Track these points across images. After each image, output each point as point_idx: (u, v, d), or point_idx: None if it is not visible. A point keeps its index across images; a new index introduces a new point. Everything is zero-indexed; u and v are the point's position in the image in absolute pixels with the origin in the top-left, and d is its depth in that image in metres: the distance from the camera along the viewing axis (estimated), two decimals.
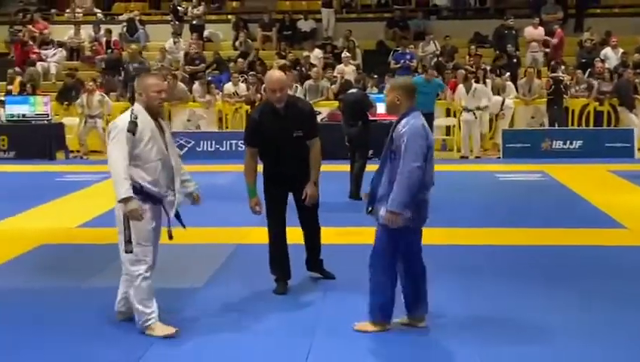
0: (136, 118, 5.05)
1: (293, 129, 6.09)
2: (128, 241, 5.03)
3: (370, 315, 5.29)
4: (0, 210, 9.82)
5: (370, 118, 10.90)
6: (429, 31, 20.49)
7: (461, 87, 15.91)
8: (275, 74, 6.20)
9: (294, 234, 6.49)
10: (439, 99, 16.18)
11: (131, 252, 5.06)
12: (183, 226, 5.42)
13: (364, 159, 10.72)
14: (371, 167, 10.78)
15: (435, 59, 18.80)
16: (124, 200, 4.98)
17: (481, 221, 9.24)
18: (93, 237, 8.31)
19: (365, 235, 8.38)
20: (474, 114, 15.64)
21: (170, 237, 5.31)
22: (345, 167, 11.16)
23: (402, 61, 18.90)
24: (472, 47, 19.06)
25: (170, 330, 5.17)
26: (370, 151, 11.11)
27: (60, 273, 6.96)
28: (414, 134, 4.97)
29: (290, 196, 6.43)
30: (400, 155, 4.97)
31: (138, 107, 5.14)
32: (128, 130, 5.00)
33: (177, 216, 5.38)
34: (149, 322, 5.18)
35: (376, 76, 16.99)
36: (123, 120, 5.10)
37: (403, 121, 5.06)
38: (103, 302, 5.76)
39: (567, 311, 5.76)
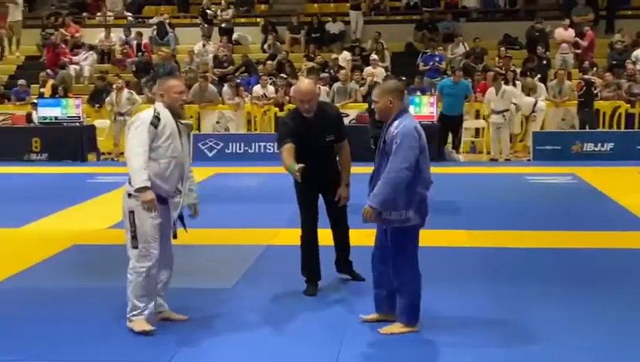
0: (158, 114, 5.17)
1: (325, 134, 6.19)
2: (134, 237, 5.14)
3: (403, 317, 5.25)
4: (33, 210, 9.96)
5: None
6: (458, 33, 20.42)
7: (491, 89, 15.83)
8: (303, 85, 6.20)
9: (323, 236, 6.51)
10: (467, 102, 16.12)
11: (137, 248, 5.14)
12: (185, 228, 5.46)
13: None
14: None
15: (463, 61, 18.75)
16: (141, 189, 5.04)
17: (509, 223, 9.19)
18: (123, 238, 8.38)
19: None
20: (503, 116, 15.56)
21: (175, 236, 5.40)
22: (369, 168, 11.14)
23: (431, 63, 18.86)
24: (502, 49, 18.97)
25: (147, 327, 5.20)
26: None
27: (91, 273, 7.04)
28: (407, 135, 4.98)
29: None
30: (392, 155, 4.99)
31: (160, 106, 5.25)
32: (151, 123, 5.12)
33: (181, 218, 5.42)
34: (135, 316, 5.22)
35: (404, 78, 16.96)
36: (146, 113, 5.22)
37: (395, 123, 5.08)
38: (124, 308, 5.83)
39: (600, 315, 5.71)
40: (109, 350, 5.07)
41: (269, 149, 15.52)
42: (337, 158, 6.44)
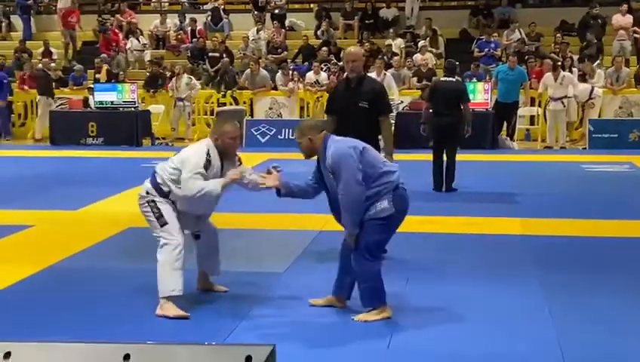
0: (209, 156, 5.36)
1: (360, 99, 6.92)
2: (159, 217, 5.37)
3: (369, 303, 5.29)
4: (90, 193, 10.15)
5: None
6: (514, 19, 20.12)
7: (549, 76, 15.56)
8: (352, 48, 7.43)
9: None
10: (522, 89, 15.90)
11: (166, 224, 5.35)
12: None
13: (455, 150, 10.51)
14: (460, 157, 10.76)
15: (518, 48, 18.47)
16: (223, 188, 5.36)
17: (564, 212, 9.07)
18: None
19: (446, 224, 8.43)
20: (562, 103, 15.30)
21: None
22: (423, 156, 11.09)
23: (486, 50, 18.64)
24: (558, 35, 18.64)
25: (178, 312, 5.30)
26: None
27: (145, 255, 7.10)
28: (341, 157, 5.07)
29: None
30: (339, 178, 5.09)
31: (211, 145, 5.43)
32: (204, 167, 5.31)
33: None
34: (169, 296, 5.32)
35: (457, 63, 16.77)
36: (198, 154, 5.36)
37: (327, 153, 5.15)
38: (185, 283, 5.91)
39: None
40: (167, 327, 5.15)
41: None
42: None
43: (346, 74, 7.36)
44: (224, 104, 17.45)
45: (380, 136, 7.12)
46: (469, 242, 7.69)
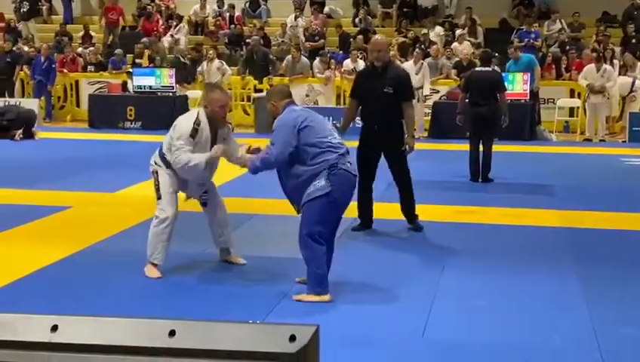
0: (198, 125, 5.71)
1: (385, 85, 7.20)
2: (157, 190, 5.91)
3: (310, 287, 5.40)
4: (127, 176, 10.25)
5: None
6: (555, 9, 19.86)
7: (590, 68, 15.32)
8: (377, 38, 8.07)
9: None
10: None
11: (160, 198, 5.88)
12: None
13: (492, 140, 10.44)
14: (497, 147, 10.68)
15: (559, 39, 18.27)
16: (207, 162, 5.69)
17: (602, 204, 8.95)
18: None
19: (482, 214, 8.38)
20: (603, 95, 15.09)
21: (186, 199, 6.23)
22: (460, 146, 11.03)
23: (526, 40, 18.42)
24: (601, 27, 18.37)
25: (156, 274, 5.86)
26: None
27: (179, 238, 7.19)
28: (281, 123, 5.38)
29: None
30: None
31: (202, 114, 5.78)
32: (190, 135, 5.69)
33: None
34: (152, 261, 5.87)
35: (496, 54, 16.65)
36: (187, 122, 5.76)
37: (278, 118, 5.48)
38: (220, 267, 5.98)
39: None
40: (207, 305, 5.24)
41: (357, 123, 15.47)
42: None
43: (370, 60, 7.71)
44: (260, 90, 17.48)
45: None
46: (505, 233, 7.64)
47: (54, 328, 1.44)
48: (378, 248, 6.97)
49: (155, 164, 5.95)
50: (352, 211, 7.81)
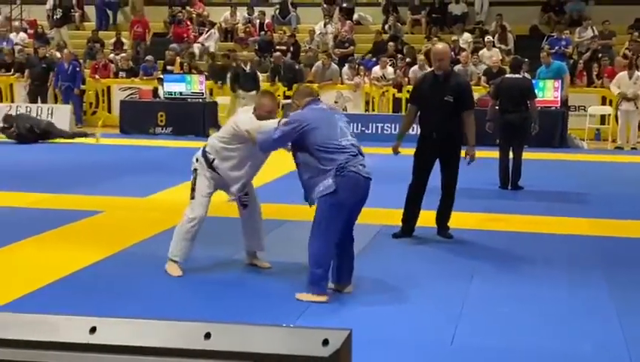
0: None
1: (446, 93, 7.14)
2: (192, 190, 6.05)
3: (308, 285, 5.51)
4: (158, 182, 10.34)
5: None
6: (587, 16, 19.73)
7: (623, 75, 15.19)
8: (438, 46, 7.96)
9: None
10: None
11: (193, 198, 6.04)
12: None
13: (522, 148, 10.40)
14: (527, 155, 10.63)
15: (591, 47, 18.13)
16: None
17: (632, 213, 8.87)
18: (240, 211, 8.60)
19: (511, 222, 8.34)
20: (635, 103, 14.95)
21: (229, 200, 6.32)
22: (490, 153, 10.98)
23: (557, 47, 18.32)
24: (633, 34, 18.20)
25: (177, 272, 6.01)
26: None
27: (209, 243, 7.22)
28: (291, 120, 5.58)
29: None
30: None
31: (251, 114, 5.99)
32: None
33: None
34: (173, 259, 6.04)
35: (526, 60, 16.57)
36: (248, 115, 5.95)
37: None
38: (250, 271, 6.02)
39: None
40: (236, 309, 5.29)
41: (387, 130, 15.53)
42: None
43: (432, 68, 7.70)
44: (289, 97, 17.54)
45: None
46: (534, 240, 7.61)
47: (93, 329, 1.48)
48: (408, 254, 6.98)
49: (197, 161, 6.09)
50: (389, 218, 7.86)
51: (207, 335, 1.43)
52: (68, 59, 17.87)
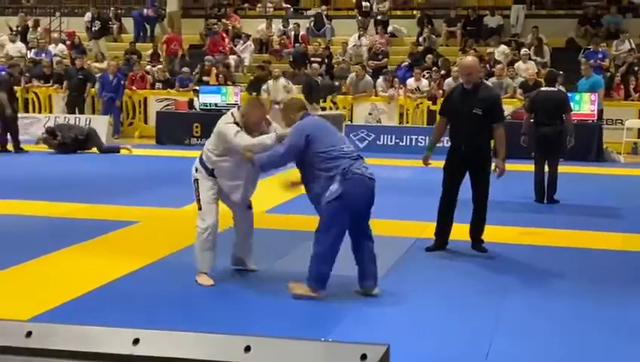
0: (238, 125, 6.04)
1: (474, 106, 7.13)
2: (198, 201, 6.16)
3: (308, 281, 5.71)
4: (185, 195, 10.38)
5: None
6: (624, 29, 19.55)
7: None
8: (466, 60, 7.98)
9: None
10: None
11: (200, 209, 6.14)
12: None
13: (557, 161, 10.33)
14: (563, 168, 10.55)
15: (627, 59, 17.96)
16: (279, 138, 5.89)
17: None
18: (280, 222, 8.66)
19: (546, 236, 8.28)
20: None
21: (249, 207, 6.47)
22: (525, 166, 10.92)
23: (593, 60, 18.18)
24: None
25: (209, 282, 6.12)
26: None
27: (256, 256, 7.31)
28: (294, 129, 5.78)
29: None
30: None
31: (238, 119, 6.09)
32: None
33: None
34: (199, 269, 6.16)
35: (561, 72, 16.45)
36: (230, 125, 6.04)
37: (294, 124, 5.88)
38: (281, 284, 6.05)
39: None
40: (271, 321, 5.30)
41: (421, 142, 15.49)
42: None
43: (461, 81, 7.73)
44: (324, 108, 17.61)
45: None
46: (570, 255, 7.54)
47: (136, 341, 1.52)
48: (442, 268, 6.96)
49: (196, 171, 6.20)
50: (423, 231, 7.85)
51: (247, 348, 1.46)
52: (113, 72, 18.12)
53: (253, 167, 6.03)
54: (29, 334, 1.53)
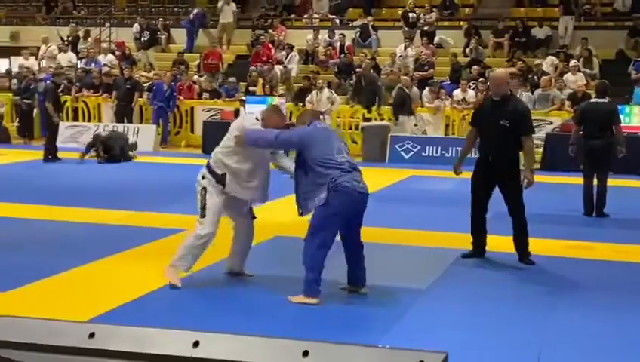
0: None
1: (502, 118, 7.18)
2: (202, 208, 6.22)
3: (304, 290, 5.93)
4: None
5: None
6: None
7: None
8: (496, 72, 8.15)
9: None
10: None
11: (204, 216, 6.22)
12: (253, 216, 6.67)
13: (606, 174, 10.18)
14: (613, 182, 10.41)
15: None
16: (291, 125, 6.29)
17: None
18: None
19: (595, 250, 8.17)
20: None
21: (253, 217, 6.70)
22: (573, 179, 10.79)
23: None
24: None
25: (177, 281, 6.23)
26: None
27: (290, 263, 7.32)
28: (296, 132, 6.14)
29: None
30: None
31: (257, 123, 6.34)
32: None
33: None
34: (177, 267, 6.27)
35: (605, 82, 16.20)
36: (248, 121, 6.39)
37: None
38: (329, 292, 6.07)
39: None
40: (324, 327, 5.39)
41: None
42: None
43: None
44: (369, 119, 17.61)
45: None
46: (619, 270, 7.44)
47: (196, 344, 1.54)
48: (491, 280, 6.92)
49: (203, 179, 6.31)
50: (468, 242, 7.82)
51: (305, 353, 1.48)
52: (168, 82, 18.33)
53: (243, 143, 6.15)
54: (91, 335, 1.57)
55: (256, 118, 6.40)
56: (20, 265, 7.07)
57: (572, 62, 18.16)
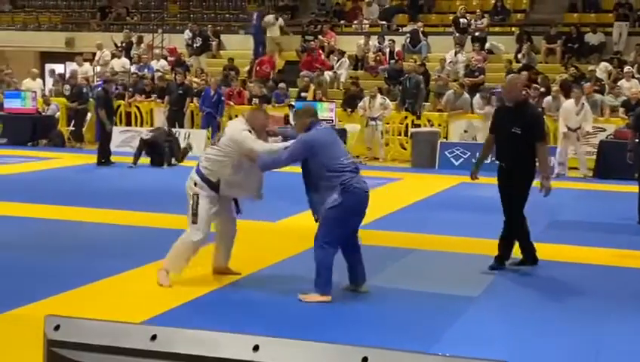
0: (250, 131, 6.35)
1: (513, 125, 7.16)
2: (194, 214, 6.35)
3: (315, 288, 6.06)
4: (287, 207, 10.53)
5: None
6: None
7: None
8: (509, 77, 8.31)
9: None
10: None
11: (195, 223, 6.34)
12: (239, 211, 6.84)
13: None
14: None
15: None
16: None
17: None
18: (373, 238, 8.65)
19: None
20: None
21: (238, 212, 6.87)
22: (628, 187, 10.61)
23: None
24: None
25: (167, 283, 6.38)
26: None
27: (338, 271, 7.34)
28: (302, 139, 6.20)
29: None
30: None
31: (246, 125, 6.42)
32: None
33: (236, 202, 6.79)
34: (170, 271, 6.40)
35: None
36: (241, 128, 6.37)
37: (305, 133, 6.28)
38: (383, 300, 6.05)
39: None
40: (372, 333, 5.37)
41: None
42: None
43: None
44: (419, 125, 17.55)
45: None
46: None
47: (256, 348, 1.56)
48: (538, 290, 6.82)
49: (195, 185, 6.39)
50: (516, 249, 7.75)
51: (364, 360, 1.49)
52: (214, 88, 18.50)
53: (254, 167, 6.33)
54: (153, 337, 1.60)
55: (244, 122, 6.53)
56: (74, 267, 7.20)
57: (626, 69, 17.87)
